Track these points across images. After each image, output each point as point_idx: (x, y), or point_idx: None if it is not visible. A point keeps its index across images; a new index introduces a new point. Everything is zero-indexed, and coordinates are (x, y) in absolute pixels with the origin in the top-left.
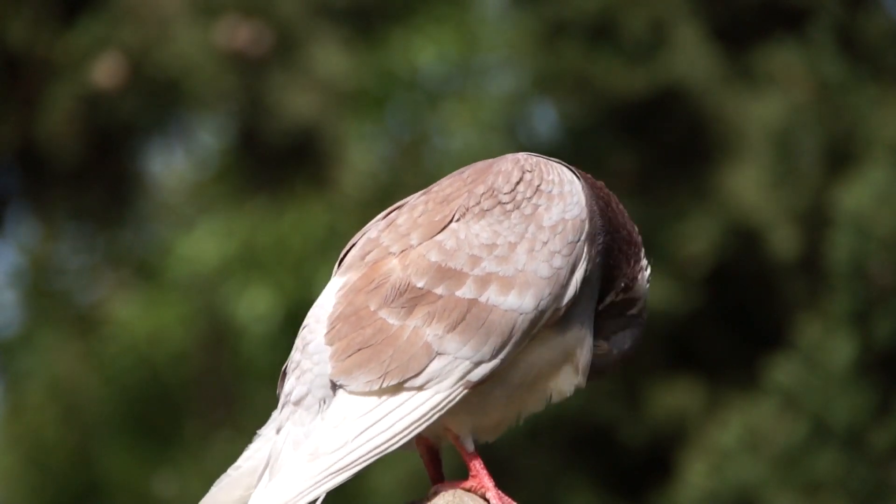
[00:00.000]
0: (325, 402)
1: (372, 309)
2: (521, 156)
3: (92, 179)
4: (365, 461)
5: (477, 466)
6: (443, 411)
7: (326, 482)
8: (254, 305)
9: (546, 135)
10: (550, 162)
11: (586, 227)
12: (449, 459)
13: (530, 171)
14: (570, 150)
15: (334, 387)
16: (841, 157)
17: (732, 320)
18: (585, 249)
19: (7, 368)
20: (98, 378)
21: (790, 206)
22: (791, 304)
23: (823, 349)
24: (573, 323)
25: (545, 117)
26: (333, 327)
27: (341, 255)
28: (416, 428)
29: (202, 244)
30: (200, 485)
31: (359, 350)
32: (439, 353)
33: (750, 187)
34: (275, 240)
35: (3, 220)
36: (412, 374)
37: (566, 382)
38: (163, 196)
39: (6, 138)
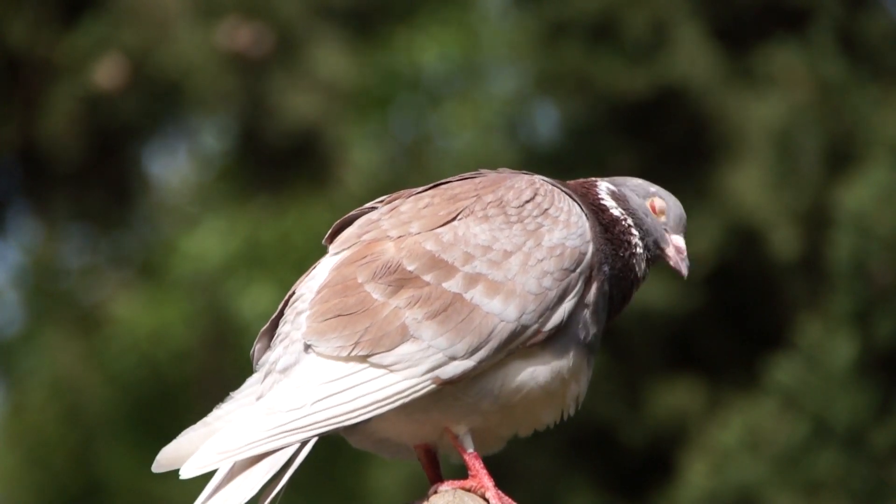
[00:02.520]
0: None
1: (359, 281)
2: (538, 179)
3: (93, 180)
4: (320, 428)
5: (476, 466)
6: (406, 399)
7: (278, 439)
8: (257, 303)
9: (547, 135)
10: (564, 193)
11: (585, 260)
12: (449, 460)
13: (542, 196)
14: (571, 150)
15: (306, 347)
16: (841, 157)
17: (733, 320)
18: (581, 282)
19: (9, 368)
20: (100, 377)
21: (791, 206)
22: (792, 303)
23: (824, 349)
24: (571, 351)
25: (547, 117)
26: (319, 293)
27: (334, 227)
28: (376, 409)
29: (205, 243)
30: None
31: (337, 316)
32: (413, 337)
33: (751, 187)
34: (278, 238)
35: (4, 221)
36: (382, 350)
37: (555, 410)
38: (164, 196)
39: (8, 139)
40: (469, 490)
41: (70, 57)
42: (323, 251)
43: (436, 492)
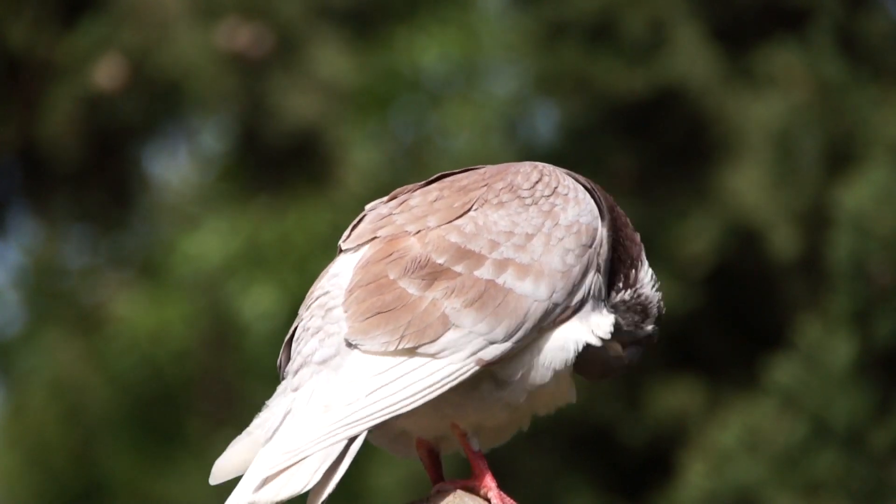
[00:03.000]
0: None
1: (391, 278)
2: (539, 163)
3: (93, 180)
4: (377, 418)
5: (481, 466)
6: (454, 383)
7: (339, 433)
8: (258, 303)
9: (547, 135)
10: (565, 173)
11: (598, 235)
12: (449, 461)
13: (548, 175)
14: (570, 151)
15: (349, 346)
16: (841, 158)
17: (733, 320)
18: (596, 257)
19: (9, 368)
20: (101, 377)
21: (790, 206)
22: (791, 304)
23: (823, 349)
24: (594, 317)
25: (546, 118)
26: (351, 294)
27: (350, 228)
28: (426, 395)
29: (206, 242)
30: (203, 484)
31: (378, 313)
32: (455, 325)
33: (750, 187)
34: (279, 237)
35: (4, 221)
36: (428, 341)
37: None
38: (164, 196)
39: (8, 139)
40: (471, 490)
41: (70, 57)
42: (329, 252)
43: (438, 491)
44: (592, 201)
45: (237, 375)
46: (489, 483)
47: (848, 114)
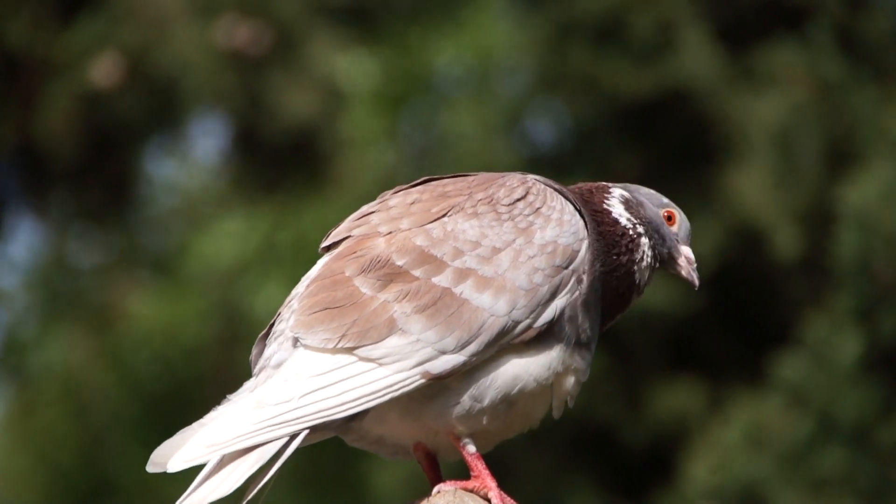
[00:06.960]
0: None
1: (347, 274)
2: (531, 178)
3: (92, 178)
4: (308, 422)
5: (479, 467)
6: (396, 394)
7: (266, 433)
8: (271, 300)
9: (554, 136)
10: (556, 192)
11: (578, 258)
12: (449, 461)
13: (535, 195)
14: (576, 151)
15: (294, 341)
16: (841, 156)
17: (737, 319)
18: (574, 279)
19: (20, 367)
20: (112, 375)
21: (792, 205)
22: (794, 303)
23: (830, 346)
24: (564, 346)
25: (553, 118)
26: (308, 287)
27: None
28: (365, 402)
29: (219, 240)
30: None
31: (325, 309)
32: (402, 330)
33: (753, 188)
34: (295, 236)
35: (6, 220)
36: (369, 343)
37: (546, 405)
38: (168, 194)
39: (6, 137)
40: (472, 490)
41: (68, 55)
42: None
43: (438, 492)
44: (581, 223)
45: (248, 372)
46: (489, 483)
47: (848, 112)
